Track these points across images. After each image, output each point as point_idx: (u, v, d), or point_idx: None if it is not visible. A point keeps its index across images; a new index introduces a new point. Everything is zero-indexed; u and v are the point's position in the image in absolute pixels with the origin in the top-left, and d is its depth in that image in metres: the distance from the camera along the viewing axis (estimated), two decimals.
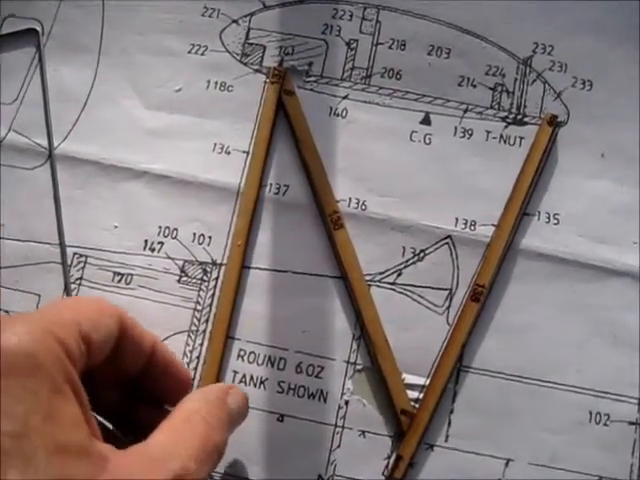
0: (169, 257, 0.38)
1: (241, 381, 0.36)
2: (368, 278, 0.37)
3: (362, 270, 0.36)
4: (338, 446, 0.36)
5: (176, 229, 0.38)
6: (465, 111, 0.39)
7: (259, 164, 0.38)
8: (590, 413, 0.36)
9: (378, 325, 0.36)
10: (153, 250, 0.38)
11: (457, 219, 0.37)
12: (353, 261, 0.36)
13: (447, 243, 0.37)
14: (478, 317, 0.36)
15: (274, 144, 0.39)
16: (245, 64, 0.40)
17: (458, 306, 0.37)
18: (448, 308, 0.37)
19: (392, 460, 0.35)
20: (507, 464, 0.35)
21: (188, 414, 0.28)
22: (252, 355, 0.37)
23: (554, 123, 0.37)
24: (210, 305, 0.37)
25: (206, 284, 0.37)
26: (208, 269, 0.37)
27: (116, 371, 0.30)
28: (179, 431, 0.27)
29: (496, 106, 0.39)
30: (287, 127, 0.39)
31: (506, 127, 0.39)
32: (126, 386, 0.31)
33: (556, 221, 0.37)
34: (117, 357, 0.29)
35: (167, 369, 0.31)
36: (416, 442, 0.34)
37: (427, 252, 0.37)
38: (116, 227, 0.38)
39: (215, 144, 0.39)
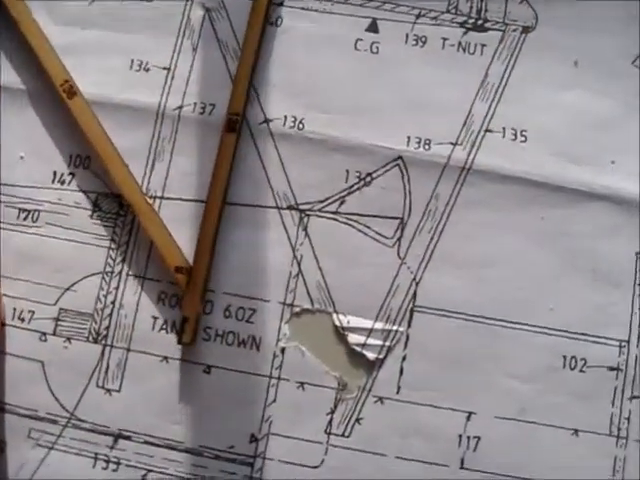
0: (81, 190, 0.31)
1: (162, 328, 0.30)
2: (306, 207, 0.30)
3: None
4: (274, 400, 0.29)
5: (89, 157, 0.31)
6: (417, 16, 0.32)
7: None
8: (564, 358, 0.29)
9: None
10: (63, 183, 0.31)
11: (409, 138, 0.31)
12: (102, 140, 0.30)
13: (398, 165, 0.30)
14: (433, 248, 0.30)
15: (201, 59, 0.32)
16: None
17: (410, 237, 0.30)
18: (399, 239, 0.30)
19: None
20: (469, 418, 0.29)
21: None
22: (174, 298, 0.30)
23: None
24: (127, 243, 0.31)
25: (122, 219, 0.31)
26: (125, 202, 0.31)
27: None
28: None
29: (453, 10, 0.32)
30: (213, 38, 0.32)
31: (465, 33, 0.32)
32: None
33: (523, 138, 0.31)
34: None
35: None
36: (198, 299, 0.29)
37: (374, 176, 0.31)
38: (22, 158, 0.32)
39: (132, 60, 0.32)
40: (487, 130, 0.31)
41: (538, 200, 0.30)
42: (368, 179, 0.30)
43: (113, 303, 0.30)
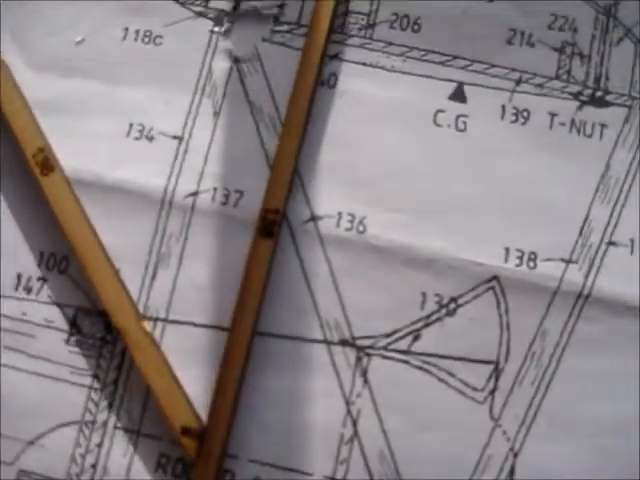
0: (54, 302, 0.22)
1: None
2: (366, 344, 0.21)
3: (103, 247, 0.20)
4: None
5: (66, 258, 0.22)
6: (518, 82, 0.23)
7: None
8: None
9: None
10: (30, 291, 0.22)
11: (508, 250, 0.21)
12: (84, 235, 0.21)
13: (492, 288, 0.21)
14: (538, 406, 0.21)
15: (226, 127, 0.23)
16: (183, 4, 0.24)
17: (508, 390, 0.21)
18: (492, 393, 0.21)
19: None
20: None
21: None
22: (180, 465, 0.21)
23: None
24: (115, 382, 0.21)
25: (110, 347, 0.21)
26: (113, 324, 0.21)
27: None
28: None
29: (565, 76, 0.23)
30: (243, 99, 0.22)
31: (580, 108, 0.23)
32: None
33: None
34: None
35: None
36: (213, 472, 0.20)
37: (461, 302, 0.21)
38: None
39: (132, 124, 0.23)
40: (610, 243, 0.22)
41: None
42: (452, 306, 0.21)
43: (94, 467, 0.21)
